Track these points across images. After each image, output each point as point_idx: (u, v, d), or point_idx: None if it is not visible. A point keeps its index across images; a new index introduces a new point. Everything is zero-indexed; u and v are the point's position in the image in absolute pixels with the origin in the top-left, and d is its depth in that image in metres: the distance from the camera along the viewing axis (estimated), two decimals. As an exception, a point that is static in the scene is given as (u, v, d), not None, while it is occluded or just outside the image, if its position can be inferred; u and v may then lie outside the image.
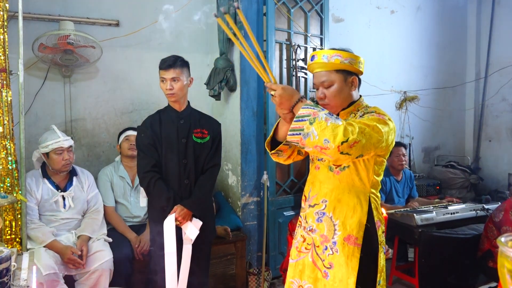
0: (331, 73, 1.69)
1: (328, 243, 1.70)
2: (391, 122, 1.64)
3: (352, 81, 1.71)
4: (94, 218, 2.81)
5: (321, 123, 1.45)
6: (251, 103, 3.42)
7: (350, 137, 1.44)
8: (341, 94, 1.70)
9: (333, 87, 1.69)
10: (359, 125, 1.51)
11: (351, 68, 1.68)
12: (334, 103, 1.72)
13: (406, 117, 4.95)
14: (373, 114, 1.63)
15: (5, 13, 2.31)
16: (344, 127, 1.45)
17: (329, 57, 1.66)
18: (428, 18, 5.10)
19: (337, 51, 1.67)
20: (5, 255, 1.57)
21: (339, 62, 1.66)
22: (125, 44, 3.42)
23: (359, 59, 1.70)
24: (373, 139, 1.53)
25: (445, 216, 3.31)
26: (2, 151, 2.30)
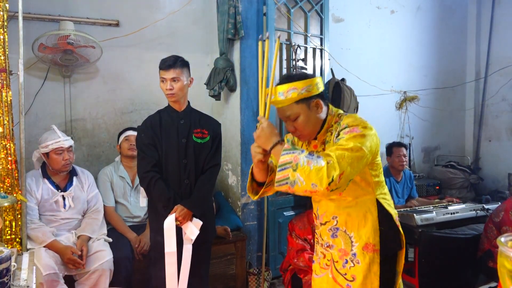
0: (292, 106, 1.63)
1: (347, 256, 1.73)
2: (368, 129, 1.59)
3: (316, 104, 1.65)
4: (94, 218, 2.81)
5: (304, 168, 1.43)
6: (251, 103, 3.42)
7: (334, 175, 1.42)
8: (310, 122, 1.66)
9: (300, 118, 1.65)
10: (338, 152, 1.48)
11: (310, 94, 1.62)
12: (307, 132, 1.69)
13: (406, 117, 4.95)
14: (347, 130, 1.58)
15: (5, 13, 2.31)
16: (327, 167, 1.42)
17: (285, 93, 1.60)
18: (428, 18, 5.10)
19: (291, 84, 1.59)
20: (5, 255, 1.57)
21: (297, 95, 1.60)
22: (125, 44, 3.42)
23: (315, 81, 1.63)
24: (355, 162, 1.50)
25: (445, 216, 3.31)
26: (2, 151, 2.30)
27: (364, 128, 1.58)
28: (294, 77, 1.63)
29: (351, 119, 1.64)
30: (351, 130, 1.57)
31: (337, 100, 3.74)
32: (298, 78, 1.62)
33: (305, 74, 1.65)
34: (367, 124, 1.62)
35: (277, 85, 1.62)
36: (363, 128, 1.58)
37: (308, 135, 1.71)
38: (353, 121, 1.61)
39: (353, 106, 3.83)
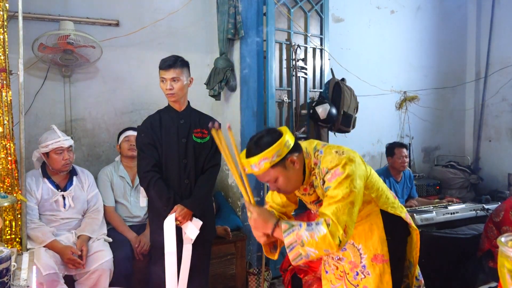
0: (269, 172, 1.61)
1: (357, 268, 1.78)
2: (348, 163, 1.58)
3: (291, 161, 1.63)
4: (94, 218, 2.80)
5: (311, 242, 1.48)
6: (251, 103, 3.42)
7: (339, 235, 1.47)
8: (291, 180, 1.65)
9: (280, 180, 1.64)
10: (332, 208, 1.51)
11: (282, 156, 1.58)
12: (291, 188, 1.70)
13: (406, 117, 4.95)
14: (330, 176, 1.58)
15: (5, 13, 2.31)
16: (329, 232, 1.47)
17: (257, 165, 1.57)
18: (428, 18, 5.09)
19: (261, 155, 1.55)
20: (5, 255, 1.57)
21: (269, 163, 1.56)
22: (125, 44, 3.42)
23: (283, 142, 1.57)
24: (352, 207, 1.54)
25: (445, 216, 3.32)
26: (2, 151, 2.29)
27: (344, 165, 1.58)
28: (261, 145, 1.57)
29: (328, 158, 1.63)
30: (333, 175, 1.58)
31: (337, 100, 3.74)
32: (265, 145, 1.56)
33: (271, 139, 1.58)
34: (344, 156, 1.61)
35: (247, 157, 1.59)
36: (343, 167, 1.57)
37: (292, 189, 1.73)
38: (330, 162, 1.61)
39: (353, 106, 3.83)
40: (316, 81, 3.81)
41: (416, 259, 1.92)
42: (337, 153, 1.64)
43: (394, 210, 1.80)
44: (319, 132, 3.74)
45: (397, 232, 1.85)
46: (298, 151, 1.67)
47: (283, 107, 3.57)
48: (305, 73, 3.67)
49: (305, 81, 3.70)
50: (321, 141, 3.76)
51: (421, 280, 1.94)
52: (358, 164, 1.62)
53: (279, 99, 3.54)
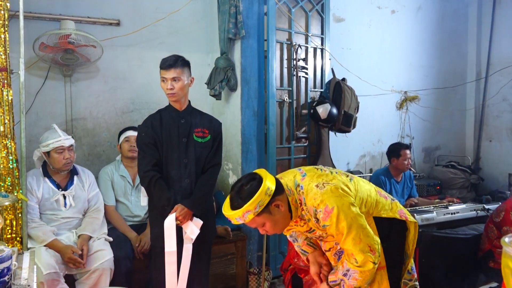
0: (254, 220, 1.63)
1: None
2: (333, 196, 1.63)
3: (276, 205, 1.64)
4: (95, 217, 2.80)
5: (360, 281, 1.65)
6: (251, 103, 3.42)
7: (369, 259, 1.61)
8: (278, 222, 1.67)
9: (267, 225, 1.67)
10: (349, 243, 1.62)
11: (266, 203, 1.60)
12: (279, 230, 1.73)
13: (406, 117, 4.95)
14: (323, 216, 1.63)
15: (6, 12, 2.31)
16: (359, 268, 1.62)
17: (242, 217, 1.60)
18: (428, 18, 5.09)
19: (243, 209, 1.57)
20: (6, 254, 1.57)
21: (253, 215, 1.59)
22: (125, 43, 3.42)
23: (263, 191, 1.58)
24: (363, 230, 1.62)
25: (446, 216, 3.31)
26: (3, 150, 2.29)
27: (330, 199, 1.62)
28: (243, 197, 1.59)
29: (311, 195, 1.66)
30: (325, 213, 1.62)
31: (338, 100, 3.74)
32: (247, 197, 1.58)
33: (250, 191, 1.59)
34: (326, 190, 1.65)
35: (232, 209, 1.61)
36: (330, 202, 1.62)
37: (281, 230, 1.75)
38: (315, 200, 1.65)
39: (354, 106, 3.83)
40: (316, 81, 3.81)
41: (412, 252, 1.93)
42: (318, 187, 1.66)
43: (387, 213, 1.83)
44: (320, 132, 3.74)
45: (394, 233, 1.87)
46: (280, 192, 1.67)
47: (284, 106, 3.57)
48: (305, 73, 3.67)
49: (306, 81, 3.70)
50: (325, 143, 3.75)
51: (413, 274, 1.94)
52: (342, 192, 1.65)
53: (279, 99, 3.54)
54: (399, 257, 1.92)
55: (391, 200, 1.91)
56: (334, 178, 1.72)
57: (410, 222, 1.89)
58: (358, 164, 4.66)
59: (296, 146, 3.67)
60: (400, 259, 1.93)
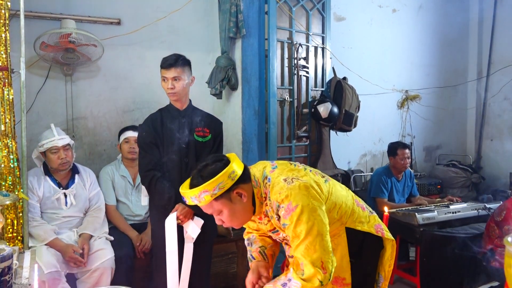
0: (212, 205, 1.48)
1: None
2: (300, 194, 1.45)
3: (237, 193, 1.49)
4: (96, 216, 2.81)
5: None
6: (252, 102, 3.42)
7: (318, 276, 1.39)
8: (237, 213, 1.51)
9: (225, 213, 1.50)
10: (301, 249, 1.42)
11: (227, 188, 1.45)
12: (238, 222, 1.56)
13: (407, 116, 4.95)
14: (284, 213, 1.45)
15: (6, 11, 2.31)
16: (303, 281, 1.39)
17: (197, 198, 1.45)
18: (430, 17, 5.08)
19: (200, 188, 1.42)
20: (7, 253, 1.57)
21: (210, 197, 1.43)
22: (126, 42, 3.41)
23: (227, 174, 1.44)
24: (322, 239, 1.42)
25: (447, 215, 3.31)
26: (4, 149, 2.30)
27: (295, 197, 1.44)
28: (204, 176, 1.45)
29: (276, 189, 1.49)
30: (287, 210, 1.44)
31: (339, 99, 3.73)
32: (208, 176, 1.43)
33: (214, 169, 1.45)
34: (294, 185, 1.46)
35: (189, 188, 1.47)
36: (295, 199, 1.44)
37: (241, 223, 1.58)
38: (279, 194, 1.46)
39: (355, 105, 3.82)
40: (317, 80, 3.80)
41: (389, 274, 1.76)
42: (286, 181, 1.48)
43: (362, 226, 1.65)
44: (321, 131, 3.74)
45: (367, 250, 1.72)
46: (246, 181, 1.52)
47: (285, 106, 3.57)
48: (306, 71, 3.67)
49: (307, 80, 3.70)
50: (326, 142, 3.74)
51: None
52: (311, 190, 1.48)
53: (280, 98, 3.54)
54: (370, 278, 1.75)
55: (369, 213, 1.74)
56: (306, 175, 1.54)
57: (387, 239, 1.72)
58: (359, 163, 4.65)
59: (297, 145, 3.66)
60: (371, 280, 1.75)
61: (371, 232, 1.67)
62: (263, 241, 1.85)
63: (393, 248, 1.72)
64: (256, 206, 1.56)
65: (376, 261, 1.74)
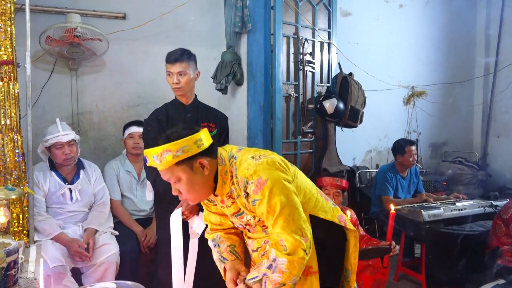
0: (172, 169, 1.45)
1: None
2: (268, 168, 1.44)
3: (200, 164, 1.47)
4: (101, 211, 2.81)
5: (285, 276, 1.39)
6: (258, 97, 3.40)
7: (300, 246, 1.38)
8: (195, 185, 1.48)
9: (183, 182, 1.47)
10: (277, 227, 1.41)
11: (190, 154, 1.43)
12: (194, 196, 1.52)
13: (413, 112, 4.91)
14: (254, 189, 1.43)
15: (12, 5, 2.30)
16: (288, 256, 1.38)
17: (159, 157, 1.42)
18: (437, 13, 5.04)
19: (164, 147, 1.41)
20: (12, 248, 1.57)
21: (172, 158, 1.41)
22: (131, 37, 3.40)
23: (194, 139, 1.44)
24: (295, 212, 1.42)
25: (453, 212, 3.28)
26: (9, 143, 2.30)
27: (264, 171, 1.43)
28: (170, 137, 1.44)
29: (244, 166, 1.47)
30: (257, 185, 1.42)
31: (345, 94, 3.71)
32: (172, 138, 1.43)
33: (180, 134, 1.45)
34: (262, 161, 1.46)
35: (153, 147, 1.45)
36: (264, 174, 1.42)
37: (197, 198, 1.55)
38: (247, 170, 1.45)
39: (361, 101, 3.80)
40: (323, 76, 3.78)
41: (355, 266, 1.72)
42: (254, 158, 1.48)
43: (325, 214, 1.63)
44: (326, 127, 3.71)
45: (331, 239, 1.67)
46: (211, 155, 1.51)
47: (290, 101, 3.55)
48: (312, 67, 3.64)
49: (313, 76, 3.67)
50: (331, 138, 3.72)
51: None
52: (279, 166, 1.48)
53: (286, 93, 3.51)
54: (336, 269, 1.72)
55: (332, 205, 1.72)
56: (273, 154, 1.55)
57: (350, 230, 1.70)
58: (364, 159, 4.63)
59: (303, 141, 3.65)
60: (337, 270, 1.72)
61: (334, 221, 1.65)
62: (230, 240, 1.80)
63: (356, 240, 1.71)
64: (217, 184, 1.53)
65: (341, 254, 1.72)
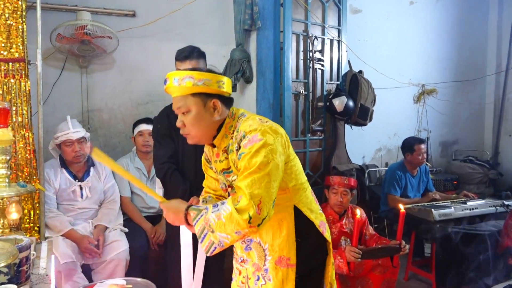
0: (186, 98, 1.46)
1: (260, 272, 1.54)
2: (269, 132, 1.41)
3: (214, 105, 1.48)
4: (111, 208, 2.83)
5: (218, 225, 1.32)
6: (267, 95, 3.39)
7: (250, 210, 1.29)
8: (201, 122, 1.48)
9: (191, 114, 1.47)
10: (247, 180, 1.33)
11: (209, 90, 1.46)
12: (195, 133, 1.51)
13: (423, 110, 4.87)
14: (246, 142, 1.40)
15: (23, 3, 2.32)
16: (234, 209, 1.30)
17: (179, 80, 1.44)
18: (448, 9, 4.98)
19: (189, 73, 1.44)
20: (25, 244, 1.58)
21: (192, 85, 1.43)
22: (141, 34, 3.41)
23: (218, 78, 1.47)
24: (270, 180, 1.35)
25: (464, 211, 3.25)
26: (21, 140, 2.32)
27: (264, 132, 1.40)
28: (195, 69, 1.51)
29: (248, 123, 1.46)
30: (250, 140, 1.39)
31: (354, 92, 3.68)
32: (198, 70, 1.48)
33: (208, 69, 1.50)
34: (267, 125, 1.44)
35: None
36: (263, 134, 1.40)
37: (196, 137, 1.53)
38: (250, 126, 1.43)
39: (371, 99, 3.77)
40: (333, 73, 3.75)
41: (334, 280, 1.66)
42: (261, 120, 1.47)
43: (310, 213, 1.56)
44: (336, 125, 3.69)
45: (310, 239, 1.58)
46: (226, 105, 1.53)
47: (300, 99, 3.53)
48: (322, 65, 3.62)
49: (322, 73, 3.65)
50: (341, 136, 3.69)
51: None
52: (280, 137, 1.45)
53: (295, 91, 3.50)
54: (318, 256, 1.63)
55: (319, 210, 1.65)
56: (282, 129, 1.51)
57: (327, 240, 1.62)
58: (374, 157, 4.60)
59: (312, 139, 3.63)
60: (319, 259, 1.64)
61: (315, 224, 1.57)
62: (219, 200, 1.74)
63: (331, 253, 1.65)
64: (219, 134, 1.53)
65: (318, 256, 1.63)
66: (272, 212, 1.37)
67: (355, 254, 2.40)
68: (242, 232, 1.31)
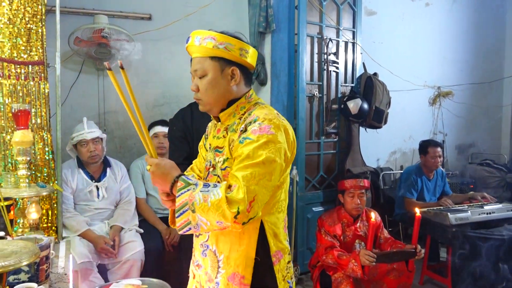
0: (204, 61, 1.38)
1: (211, 284, 1.38)
2: (281, 129, 1.28)
3: (232, 72, 1.37)
4: (127, 209, 2.86)
5: (202, 206, 1.16)
6: (281, 97, 3.39)
7: (241, 205, 1.14)
8: (215, 88, 1.37)
9: (206, 78, 1.37)
10: (246, 171, 1.19)
11: (230, 56, 1.36)
12: (207, 99, 1.39)
13: (439, 113, 4.82)
14: (256, 128, 1.26)
15: (43, 7, 2.36)
16: (225, 197, 1.14)
17: (201, 40, 1.37)
18: (464, 11, 4.92)
19: (212, 33, 1.36)
20: (45, 243, 1.61)
21: (212, 47, 1.34)
22: (157, 37, 3.44)
23: (241, 45, 1.37)
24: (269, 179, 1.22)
25: (481, 216, 3.20)
26: (39, 142, 2.36)
27: (277, 127, 1.27)
28: (223, 31, 1.40)
29: (266, 110, 1.33)
30: (262, 129, 1.25)
31: (369, 95, 3.66)
32: (224, 32, 1.39)
33: (235, 35, 1.40)
34: (281, 122, 1.30)
35: None
36: (276, 128, 1.26)
37: (208, 104, 1.40)
38: (266, 115, 1.29)
39: (386, 101, 3.75)
40: (347, 76, 3.75)
41: None
42: (278, 115, 1.33)
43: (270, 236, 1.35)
44: (350, 128, 3.68)
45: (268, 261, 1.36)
46: (246, 79, 1.42)
47: (314, 101, 3.53)
48: (336, 67, 3.61)
49: (337, 76, 3.65)
50: (355, 139, 3.67)
51: None
52: (289, 140, 1.32)
53: (309, 94, 3.50)
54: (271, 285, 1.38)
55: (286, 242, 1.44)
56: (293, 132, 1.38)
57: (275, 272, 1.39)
58: (389, 160, 4.57)
59: (326, 141, 3.62)
60: None
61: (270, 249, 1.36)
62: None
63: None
64: (228, 110, 1.41)
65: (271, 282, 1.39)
66: (260, 214, 1.24)
67: (369, 257, 2.39)
68: (224, 224, 1.17)
